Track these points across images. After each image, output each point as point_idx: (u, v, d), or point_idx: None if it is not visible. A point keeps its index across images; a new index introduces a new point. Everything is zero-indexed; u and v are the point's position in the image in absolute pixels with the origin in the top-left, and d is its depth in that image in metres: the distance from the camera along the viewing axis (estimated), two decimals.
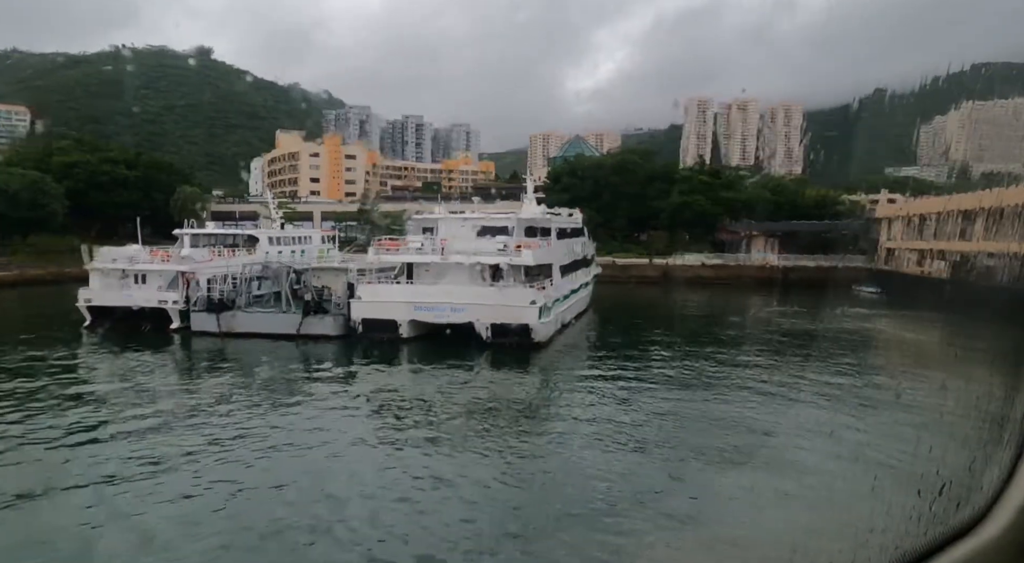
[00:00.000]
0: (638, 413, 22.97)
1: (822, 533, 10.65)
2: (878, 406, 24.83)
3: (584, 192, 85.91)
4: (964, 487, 2.06)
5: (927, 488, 2.26)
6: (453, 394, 25.46)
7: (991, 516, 1.82)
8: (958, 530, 1.89)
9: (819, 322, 46.48)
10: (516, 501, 15.55)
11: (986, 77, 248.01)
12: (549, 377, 30.46)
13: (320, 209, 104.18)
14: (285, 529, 13.81)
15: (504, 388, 27.05)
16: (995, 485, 1.86)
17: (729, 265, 78.59)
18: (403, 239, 39.31)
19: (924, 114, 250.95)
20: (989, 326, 19.51)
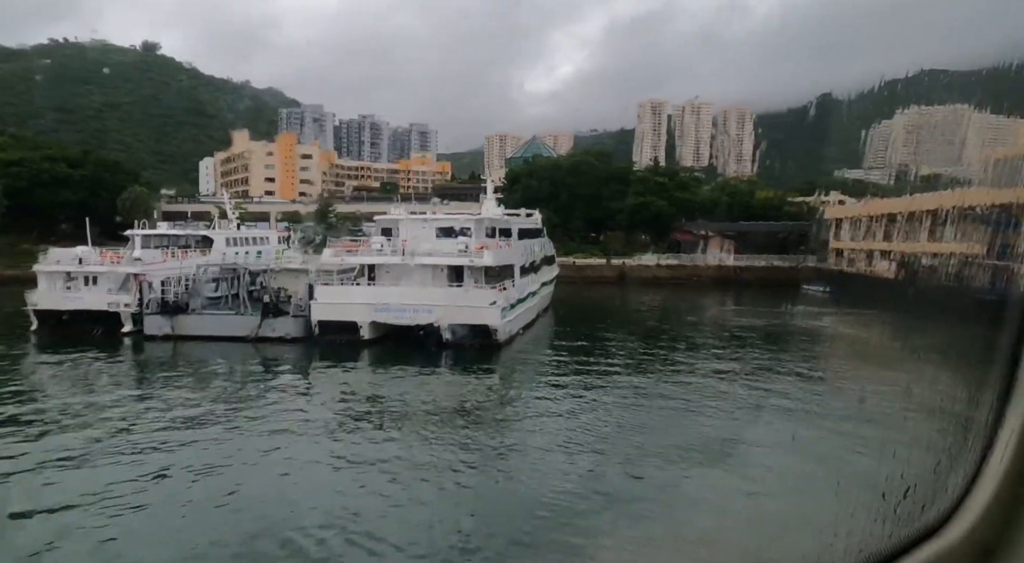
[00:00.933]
0: (599, 412, 23.26)
1: (786, 535, 10.87)
2: (831, 405, 25.68)
3: (542, 193, 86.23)
4: (929, 489, 2.09)
5: (892, 491, 2.29)
6: (415, 396, 25.36)
7: (956, 517, 1.84)
8: (923, 532, 1.91)
9: (771, 321, 47.67)
10: (478, 505, 15.52)
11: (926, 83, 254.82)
12: (511, 378, 30.61)
13: (275, 209, 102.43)
14: (242, 538, 13.52)
15: (466, 389, 27.08)
16: (959, 487, 1.88)
17: (685, 265, 79.95)
18: (363, 240, 38.99)
19: (870, 119, 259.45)
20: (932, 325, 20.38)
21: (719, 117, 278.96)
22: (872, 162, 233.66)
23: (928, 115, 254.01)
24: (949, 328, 22.32)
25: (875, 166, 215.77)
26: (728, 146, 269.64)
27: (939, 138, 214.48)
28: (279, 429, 20.95)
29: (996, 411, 1.83)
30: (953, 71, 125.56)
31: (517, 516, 14.69)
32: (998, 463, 1.78)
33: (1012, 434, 1.76)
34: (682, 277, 76.67)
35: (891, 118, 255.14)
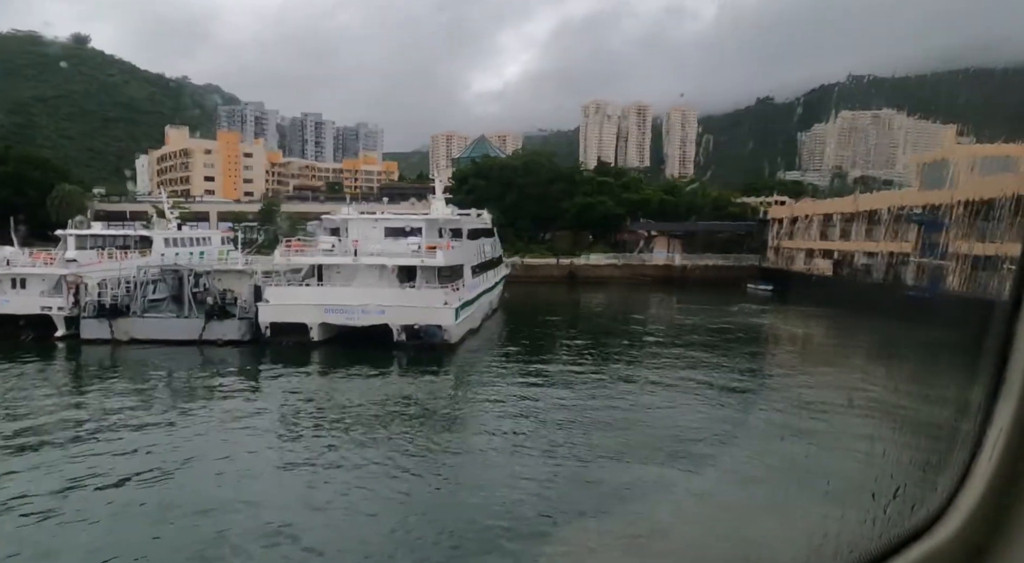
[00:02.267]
0: (551, 412, 23.38)
1: (774, 539, 10.97)
2: (776, 400, 26.49)
3: (490, 193, 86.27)
4: (919, 489, 2.11)
5: (881, 491, 2.29)
6: (366, 398, 25.02)
7: (946, 517, 1.84)
8: (913, 532, 1.90)
9: (716, 319, 48.80)
10: (427, 508, 15.28)
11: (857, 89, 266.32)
12: (463, 378, 30.54)
13: (217, 209, 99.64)
14: (173, 548, 13.09)
15: (418, 390, 26.81)
16: (949, 487, 1.87)
17: (632, 264, 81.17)
18: (312, 240, 38.35)
19: (806, 122, 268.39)
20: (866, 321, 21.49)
21: (663, 118, 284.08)
22: (809, 164, 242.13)
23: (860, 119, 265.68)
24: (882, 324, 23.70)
25: (812, 168, 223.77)
26: (672, 146, 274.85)
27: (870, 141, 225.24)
28: (225, 435, 20.41)
29: (985, 410, 1.82)
30: (882, 78, 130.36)
31: (467, 519, 14.56)
32: (987, 462, 1.78)
33: (1001, 433, 1.75)
34: (629, 276, 77.84)
35: (826, 122, 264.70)
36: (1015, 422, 1.72)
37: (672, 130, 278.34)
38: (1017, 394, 1.72)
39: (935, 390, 26.84)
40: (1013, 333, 1.75)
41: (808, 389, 28.01)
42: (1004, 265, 26.29)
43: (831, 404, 25.27)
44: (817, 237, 63.79)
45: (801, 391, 27.82)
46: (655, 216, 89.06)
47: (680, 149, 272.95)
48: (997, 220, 38.83)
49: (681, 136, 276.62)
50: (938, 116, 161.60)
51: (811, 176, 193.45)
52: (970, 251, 40.70)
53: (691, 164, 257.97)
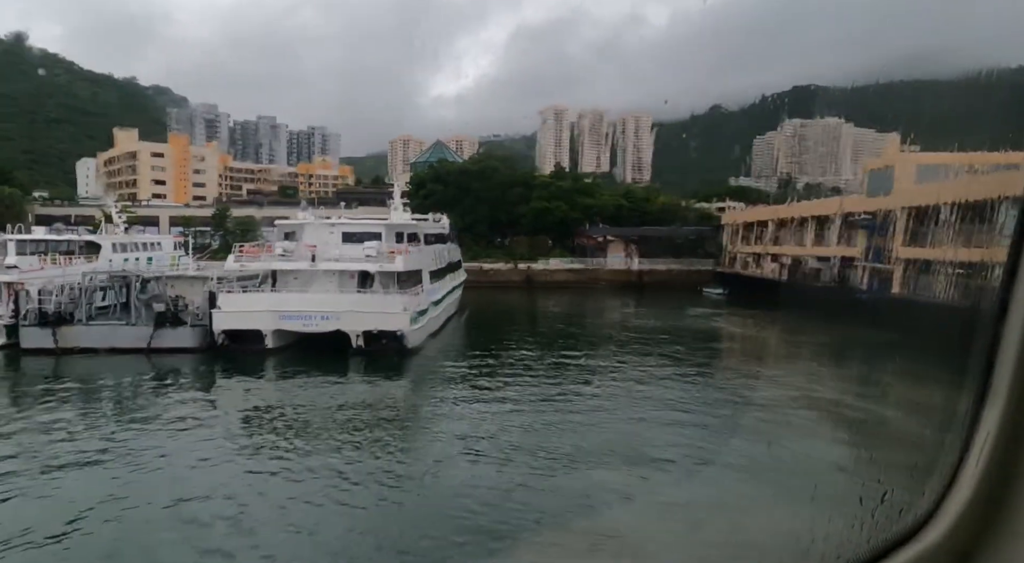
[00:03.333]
0: (510, 417, 23.38)
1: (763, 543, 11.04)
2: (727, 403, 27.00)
3: (447, 197, 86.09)
4: (907, 493, 2.13)
5: (869, 495, 2.31)
6: (321, 406, 24.66)
7: (933, 521, 1.84)
8: (901, 536, 1.90)
9: (672, 322, 49.56)
10: (381, 520, 15.02)
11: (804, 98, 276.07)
12: (422, 384, 30.39)
13: (167, 214, 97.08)
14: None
15: (375, 397, 26.58)
16: (937, 491, 1.87)
17: (589, 269, 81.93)
18: (267, 245, 37.71)
19: (756, 130, 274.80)
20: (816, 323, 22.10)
21: (619, 124, 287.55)
22: (760, 171, 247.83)
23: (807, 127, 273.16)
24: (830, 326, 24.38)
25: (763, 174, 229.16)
26: (628, 153, 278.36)
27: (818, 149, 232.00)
28: (177, 446, 19.82)
29: (972, 415, 1.83)
30: (827, 88, 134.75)
31: (418, 531, 14.43)
32: (975, 467, 1.79)
33: (988, 437, 1.76)
34: (586, 281, 78.57)
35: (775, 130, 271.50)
36: (1002, 427, 1.73)
37: (627, 136, 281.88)
38: (1004, 399, 1.73)
39: (881, 389, 27.73)
40: (999, 338, 1.76)
41: (760, 391, 28.65)
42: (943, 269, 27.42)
43: (782, 403, 25.92)
44: (769, 242, 65.30)
45: (752, 391, 28.46)
46: (611, 221, 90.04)
47: (635, 155, 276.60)
48: (937, 226, 40.51)
49: (636, 142, 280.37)
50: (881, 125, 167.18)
51: (762, 182, 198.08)
52: (912, 255, 42.25)
53: (646, 169, 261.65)
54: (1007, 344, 1.74)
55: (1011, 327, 1.73)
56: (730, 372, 34.44)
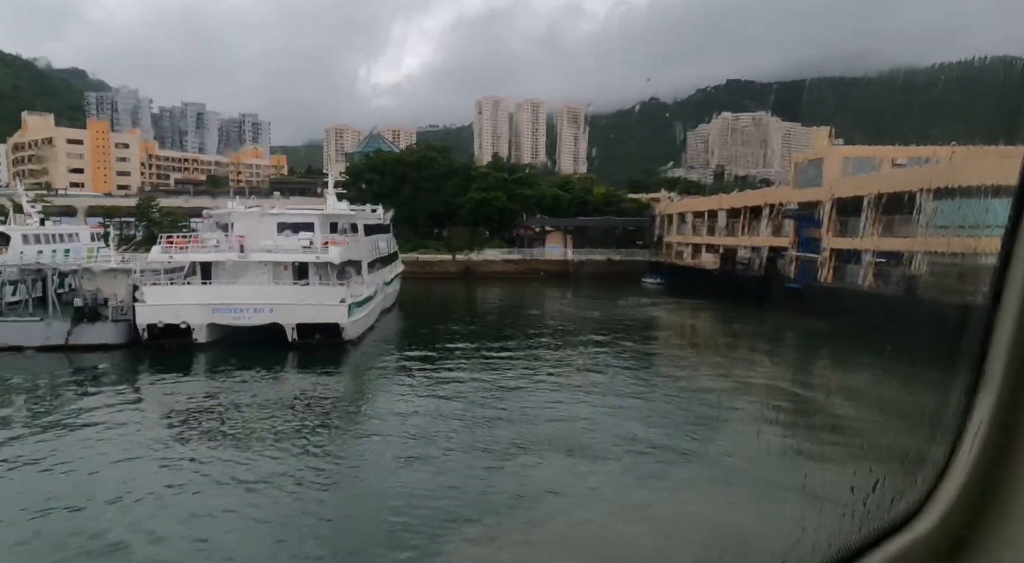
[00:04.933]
0: (450, 408, 23.12)
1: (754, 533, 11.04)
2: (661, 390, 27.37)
3: (384, 188, 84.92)
4: (899, 482, 2.13)
5: (860, 484, 2.30)
6: (257, 401, 23.80)
7: (925, 510, 1.85)
8: (893, 525, 1.91)
9: (610, 312, 50.02)
10: (315, 521, 14.46)
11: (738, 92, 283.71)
12: (361, 377, 29.74)
13: (86, 203, 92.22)
14: None
15: (311, 392, 25.74)
16: (929, 479, 1.88)
17: (527, 260, 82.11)
18: (195, 236, 36.17)
19: (691, 122, 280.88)
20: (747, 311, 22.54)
21: (556, 115, 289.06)
22: (694, 162, 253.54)
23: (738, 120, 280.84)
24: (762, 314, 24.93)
25: (697, 166, 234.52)
26: (565, 144, 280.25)
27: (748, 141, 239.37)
28: (97, 449, 18.64)
29: (965, 403, 1.83)
30: (756, 82, 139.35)
31: (355, 532, 14.11)
32: (967, 455, 1.79)
33: (980, 425, 1.77)
34: (525, 271, 78.70)
35: (708, 122, 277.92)
36: (995, 415, 1.73)
37: (564, 127, 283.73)
38: (997, 387, 1.73)
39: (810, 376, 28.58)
40: (992, 327, 1.75)
41: (696, 379, 29.19)
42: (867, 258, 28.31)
43: (717, 390, 26.45)
44: (704, 232, 66.65)
45: (689, 380, 28.95)
46: (549, 212, 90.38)
47: (572, 146, 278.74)
48: (861, 217, 42.11)
49: (573, 133, 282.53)
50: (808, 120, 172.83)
51: (696, 174, 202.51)
52: (839, 246, 43.79)
53: (583, 161, 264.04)
54: (1000, 333, 1.74)
55: (1004, 317, 1.73)
56: (668, 361, 34.96)
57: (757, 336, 41.25)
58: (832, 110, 71.93)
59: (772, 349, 38.05)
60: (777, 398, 25.75)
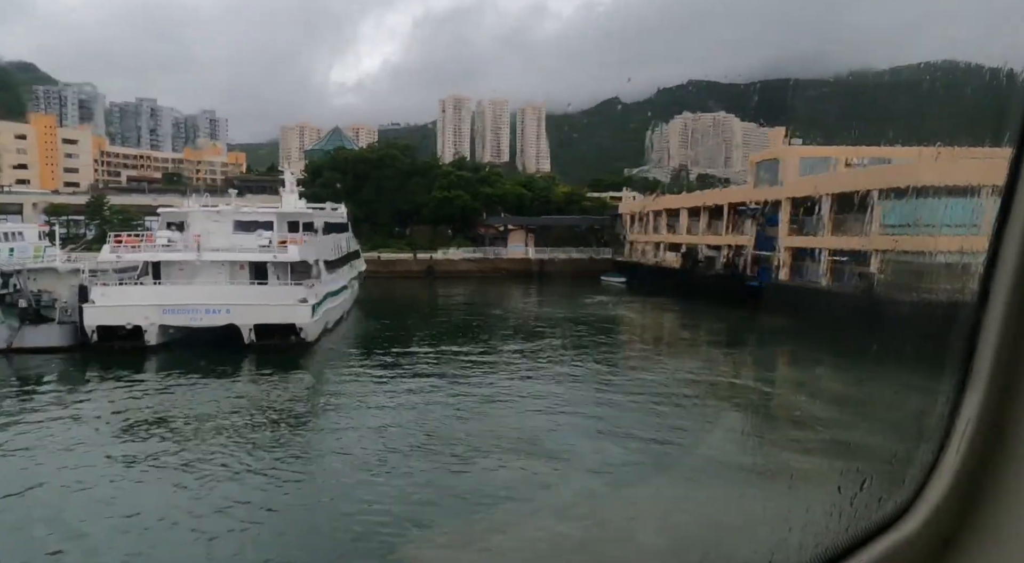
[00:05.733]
0: (414, 410, 22.82)
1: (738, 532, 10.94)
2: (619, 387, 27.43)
3: (345, 186, 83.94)
4: (886, 481, 2.12)
5: (848, 483, 2.29)
6: (212, 405, 23.10)
7: (913, 509, 1.84)
8: (881, 524, 1.90)
9: (572, 311, 50.10)
10: (272, 532, 14.07)
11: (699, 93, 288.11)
12: (320, 379, 29.12)
13: (32, 200, 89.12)
14: None
15: (269, 395, 25.07)
16: (917, 479, 1.87)
17: (489, 258, 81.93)
18: (148, 235, 35.12)
19: (652, 121, 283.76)
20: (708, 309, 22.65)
21: (519, 115, 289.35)
22: (655, 162, 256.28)
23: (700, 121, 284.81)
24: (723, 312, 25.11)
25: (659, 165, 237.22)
26: (528, 143, 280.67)
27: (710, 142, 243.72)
28: (43, 458, 17.85)
29: (953, 402, 1.82)
30: (717, 83, 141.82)
31: (319, 531, 13.74)
32: (955, 454, 1.78)
33: (968, 425, 1.75)
34: (487, 270, 78.53)
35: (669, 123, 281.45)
36: (982, 414, 1.73)
37: (527, 126, 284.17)
38: (984, 386, 1.73)
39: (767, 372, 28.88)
40: (980, 325, 1.75)
41: (658, 377, 29.33)
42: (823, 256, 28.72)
43: (678, 388, 26.62)
44: (666, 231, 67.23)
45: (648, 378, 29.06)
46: (512, 210, 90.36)
47: (535, 145, 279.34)
48: (817, 215, 42.93)
49: (536, 132, 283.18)
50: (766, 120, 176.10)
51: (658, 173, 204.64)
52: (796, 244, 44.54)
53: (545, 160, 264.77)
54: (987, 332, 1.73)
55: (991, 315, 1.72)
56: (631, 360, 35.05)
57: (717, 333, 41.75)
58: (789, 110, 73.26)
59: (731, 347, 38.54)
60: (737, 395, 26.01)
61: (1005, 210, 1.69)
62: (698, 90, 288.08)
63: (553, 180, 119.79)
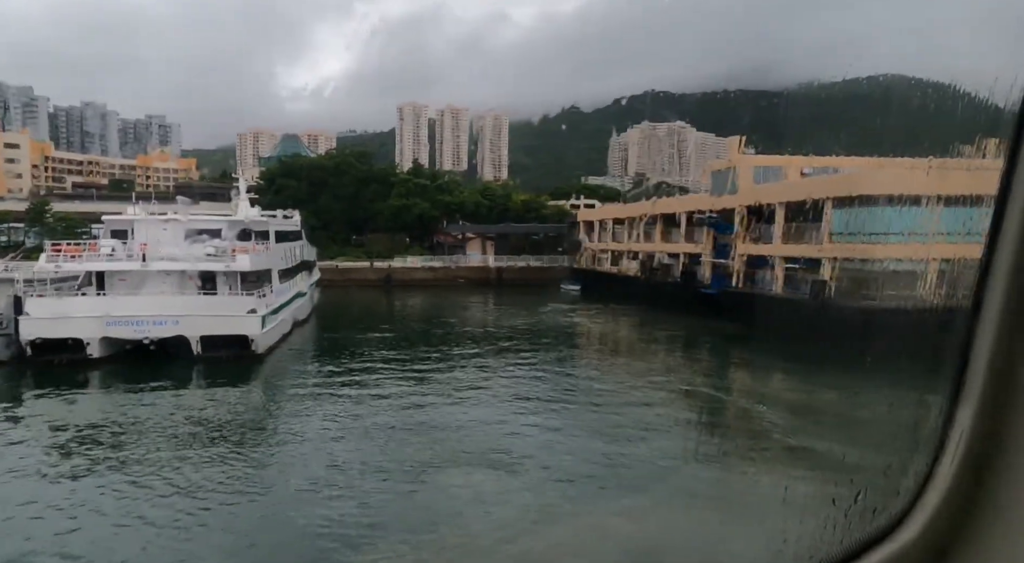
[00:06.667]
0: (371, 422, 22.29)
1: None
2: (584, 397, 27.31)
3: (301, 194, 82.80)
4: (880, 492, 2.11)
5: (842, 495, 2.29)
6: (157, 422, 22.15)
7: (908, 520, 1.85)
8: (875, 535, 1.91)
9: (530, 320, 49.98)
10: (219, 547, 13.58)
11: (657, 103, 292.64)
12: (269, 392, 28.26)
13: None
14: None
15: (218, 410, 24.16)
16: (911, 489, 1.88)
17: (448, 267, 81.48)
18: (91, 244, 33.81)
19: (610, 131, 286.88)
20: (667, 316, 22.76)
21: (477, 122, 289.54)
22: (613, 170, 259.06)
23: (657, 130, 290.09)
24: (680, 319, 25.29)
25: (617, 174, 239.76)
26: (487, 150, 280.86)
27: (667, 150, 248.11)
28: None
29: (946, 413, 1.83)
30: (675, 93, 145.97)
31: (266, 550, 13.25)
32: (949, 465, 1.79)
33: (962, 435, 1.76)
34: (446, 278, 78.06)
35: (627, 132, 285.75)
36: (976, 425, 1.74)
37: (486, 134, 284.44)
38: (978, 397, 1.73)
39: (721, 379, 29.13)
40: (973, 336, 1.75)
41: (615, 385, 29.32)
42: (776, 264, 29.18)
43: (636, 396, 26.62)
44: (624, 239, 67.66)
45: (606, 387, 29.06)
46: (470, 218, 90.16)
47: (494, 153, 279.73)
48: (771, 224, 43.64)
49: (495, 140, 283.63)
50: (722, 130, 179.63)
51: (616, 181, 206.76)
52: (751, 252, 45.20)
53: (504, 167, 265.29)
54: (980, 342, 1.73)
55: (984, 326, 1.72)
56: (589, 368, 34.98)
57: (671, 341, 42.06)
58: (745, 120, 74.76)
59: (685, 355, 38.87)
60: (693, 402, 26.12)
61: (997, 221, 1.68)
62: (656, 100, 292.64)
63: (512, 188, 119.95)
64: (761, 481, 16.66)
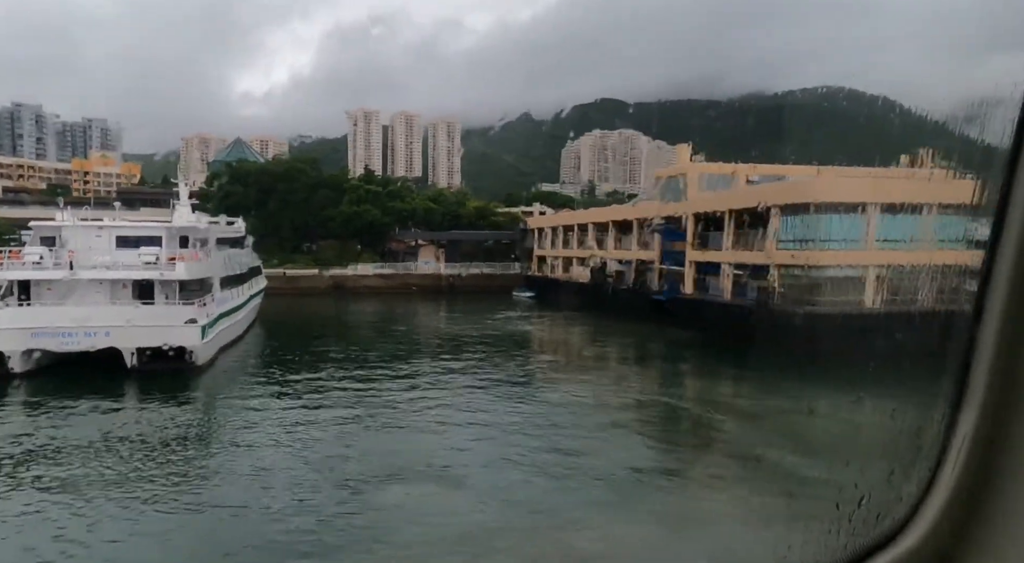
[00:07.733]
0: (316, 436, 21.60)
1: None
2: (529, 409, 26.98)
3: (248, 200, 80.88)
4: (884, 498, 2.10)
5: (845, 500, 2.28)
6: (87, 440, 20.94)
7: (911, 525, 1.85)
8: (879, 541, 1.92)
9: (482, 328, 49.51)
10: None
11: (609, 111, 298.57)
12: (208, 405, 27.12)
13: None
14: None
15: (153, 425, 22.97)
16: (914, 495, 1.88)
17: (399, 274, 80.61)
18: (12, 251, 32.09)
19: (562, 139, 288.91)
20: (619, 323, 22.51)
21: (430, 129, 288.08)
22: (566, 177, 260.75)
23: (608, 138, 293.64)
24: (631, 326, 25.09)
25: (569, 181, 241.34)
26: (438, 156, 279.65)
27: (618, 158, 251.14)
28: None
29: (949, 419, 1.82)
30: (626, 102, 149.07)
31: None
32: (952, 471, 1.78)
33: (965, 440, 1.75)
34: (397, 286, 77.21)
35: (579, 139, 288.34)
36: (979, 430, 1.74)
37: (439, 141, 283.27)
38: (980, 402, 1.74)
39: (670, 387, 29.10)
40: (975, 341, 1.76)
41: (566, 393, 29.10)
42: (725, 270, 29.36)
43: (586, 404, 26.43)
44: (575, 246, 67.81)
45: (558, 394, 28.84)
46: (423, 225, 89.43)
47: (447, 159, 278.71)
48: (715, 230, 44.19)
49: (447, 147, 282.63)
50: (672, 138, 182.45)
51: (568, 188, 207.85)
52: (700, 258, 45.66)
53: (457, 174, 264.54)
54: (983, 347, 1.74)
55: (986, 331, 1.72)
56: (540, 376, 34.66)
57: (622, 347, 42.10)
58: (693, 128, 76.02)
59: (634, 361, 38.95)
60: (641, 408, 26.03)
61: (997, 228, 1.69)
62: (608, 108, 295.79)
63: (464, 194, 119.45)
64: (713, 491, 16.55)
